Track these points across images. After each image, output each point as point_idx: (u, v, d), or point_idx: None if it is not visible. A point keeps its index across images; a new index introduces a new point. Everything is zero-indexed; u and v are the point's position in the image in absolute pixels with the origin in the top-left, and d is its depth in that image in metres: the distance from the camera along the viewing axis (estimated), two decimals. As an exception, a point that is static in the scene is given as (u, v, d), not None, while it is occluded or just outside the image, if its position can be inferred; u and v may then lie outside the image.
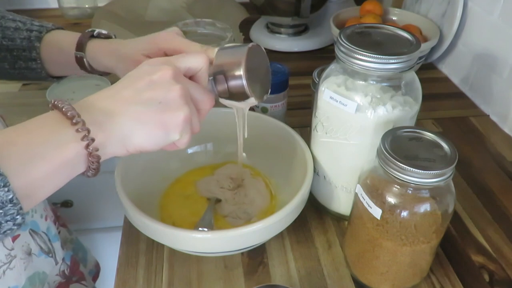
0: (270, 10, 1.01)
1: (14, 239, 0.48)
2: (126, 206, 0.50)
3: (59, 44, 0.56)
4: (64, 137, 0.33)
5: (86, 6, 1.17)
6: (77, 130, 0.33)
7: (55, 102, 0.34)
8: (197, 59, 0.41)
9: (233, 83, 0.41)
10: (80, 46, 0.53)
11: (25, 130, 0.33)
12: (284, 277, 0.53)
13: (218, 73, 0.41)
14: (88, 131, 0.33)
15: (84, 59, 0.53)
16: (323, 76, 0.53)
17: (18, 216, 0.31)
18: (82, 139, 0.33)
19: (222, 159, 0.67)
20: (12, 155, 0.31)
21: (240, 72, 0.41)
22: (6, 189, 0.29)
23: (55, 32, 0.57)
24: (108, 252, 0.83)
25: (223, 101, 0.44)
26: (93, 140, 0.34)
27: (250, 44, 0.43)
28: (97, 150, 0.34)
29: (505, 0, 0.76)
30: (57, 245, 0.57)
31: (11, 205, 0.30)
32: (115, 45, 0.52)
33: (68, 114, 0.33)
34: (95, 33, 0.54)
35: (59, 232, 0.59)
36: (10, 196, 0.30)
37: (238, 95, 0.42)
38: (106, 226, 0.96)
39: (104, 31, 0.55)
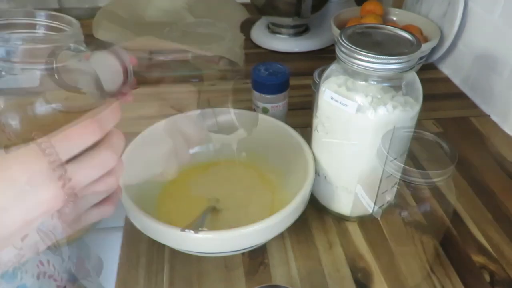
0: (271, 11, 1.01)
1: (22, 238, 0.48)
2: (127, 207, 0.50)
3: None
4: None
5: (87, 6, 1.17)
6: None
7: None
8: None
9: (222, 117, 0.42)
10: None
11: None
12: (285, 277, 0.53)
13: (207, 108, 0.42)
14: None
15: None
16: (323, 77, 0.53)
17: None
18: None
19: (221, 157, 0.67)
20: None
21: (228, 106, 0.41)
22: None
23: None
24: (109, 252, 0.83)
25: (213, 134, 0.45)
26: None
27: None
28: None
29: (506, 0, 0.76)
30: (63, 242, 0.57)
31: None
32: None
33: None
34: None
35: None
36: None
37: (227, 129, 0.43)
38: (106, 226, 0.95)
39: None
